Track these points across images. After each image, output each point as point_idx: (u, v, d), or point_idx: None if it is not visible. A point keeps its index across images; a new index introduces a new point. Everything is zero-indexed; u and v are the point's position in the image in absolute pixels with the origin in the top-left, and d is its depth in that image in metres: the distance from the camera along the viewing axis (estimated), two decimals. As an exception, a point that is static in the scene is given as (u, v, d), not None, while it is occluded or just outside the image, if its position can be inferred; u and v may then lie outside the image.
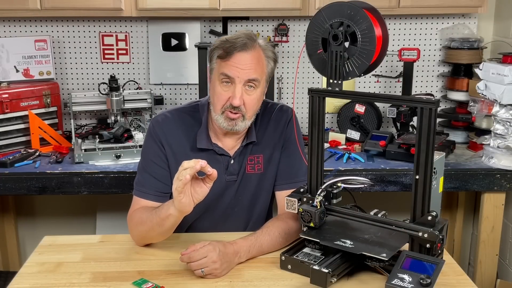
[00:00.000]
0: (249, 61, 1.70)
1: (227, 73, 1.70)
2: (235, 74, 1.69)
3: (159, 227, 1.65)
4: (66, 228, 3.23)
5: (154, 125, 1.83)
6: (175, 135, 1.82)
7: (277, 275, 1.57)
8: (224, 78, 1.71)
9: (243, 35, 1.72)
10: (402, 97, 2.05)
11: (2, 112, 2.65)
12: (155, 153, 1.81)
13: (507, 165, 2.52)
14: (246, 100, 1.72)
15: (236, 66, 1.69)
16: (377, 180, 2.48)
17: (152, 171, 1.80)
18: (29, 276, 1.58)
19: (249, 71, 1.70)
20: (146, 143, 1.85)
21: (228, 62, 1.69)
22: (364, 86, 3.15)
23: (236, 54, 1.69)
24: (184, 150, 1.82)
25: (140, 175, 1.82)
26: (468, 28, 2.99)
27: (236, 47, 1.69)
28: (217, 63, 1.74)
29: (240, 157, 1.85)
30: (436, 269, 1.36)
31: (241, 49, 1.69)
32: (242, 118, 1.74)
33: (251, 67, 1.70)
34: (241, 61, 1.69)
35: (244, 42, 1.69)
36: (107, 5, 2.68)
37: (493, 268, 2.69)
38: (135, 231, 1.74)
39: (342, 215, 1.59)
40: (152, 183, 1.79)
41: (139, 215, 1.72)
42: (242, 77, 1.69)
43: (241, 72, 1.69)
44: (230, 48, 1.69)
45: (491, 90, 2.48)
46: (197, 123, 1.84)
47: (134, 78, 3.09)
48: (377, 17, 1.54)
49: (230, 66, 1.69)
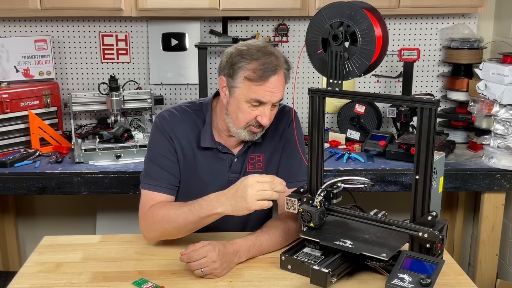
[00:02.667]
0: (279, 83, 1.69)
1: (260, 99, 1.68)
2: (268, 99, 1.69)
3: (194, 225, 1.63)
4: (66, 228, 3.23)
5: (161, 120, 1.82)
6: (182, 131, 1.81)
7: (277, 275, 1.57)
8: (255, 103, 1.69)
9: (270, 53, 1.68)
10: (402, 97, 2.05)
11: (2, 112, 2.65)
12: (164, 147, 1.79)
13: (507, 165, 2.52)
14: (271, 117, 1.75)
15: (270, 91, 1.68)
16: (377, 180, 2.48)
17: (163, 164, 1.78)
18: (29, 276, 1.58)
19: (279, 93, 1.70)
20: (154, 137, 1.82)
21: (261, 87, 1.67)
22: (364, 86, 3.15)
23: (271, 79, 1.66)
24: (190, 147, 1.82)
25: (150, 169, 1.79)
26: (468, 28, 2.99)
27: (269, 70, 1.66)
28: (244, 84, 1.68)
29: (243, 156, 1.86)
30: (436, 269, 1.36)
31: (274, 72, 1.67)
32: (262, 129, 1.78)
33: (281, 89, 1.70)
34: (274, 86, 1.68)
35: (275, 63, 1.67)
36: (107, 5, 2.68)
37: (493, 268, 2.69)
38: (157, 228, 1.69)
39: (342, 215, 1.59)
40: (164, 176, 1.77)
41: (165, 212, 1.67)
42: (274, 100, 1.70)
43: (273, 96, 1.69)
44: (264, 73, 1.65)
45: (491, 90, 2.48)
46: (201, 121, 1.84)
47: (134, 78, 3.09)
48: (377, 17, 1.54)
49: (264, 92, 1.67)
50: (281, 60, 1.70)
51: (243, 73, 1.67)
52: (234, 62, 1.69)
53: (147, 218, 1.72)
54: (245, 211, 1.56)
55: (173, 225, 1.65)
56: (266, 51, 1.69)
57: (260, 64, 1.66)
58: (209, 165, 1.84)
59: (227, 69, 1.72)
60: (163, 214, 1.68)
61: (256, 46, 1.71)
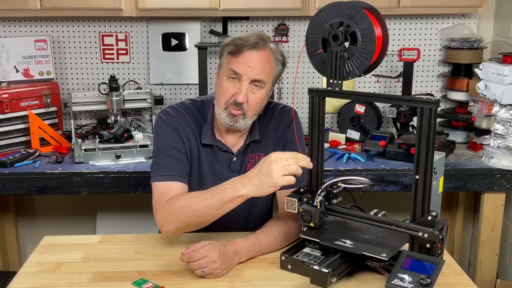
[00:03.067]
0: (258, 61, 1.71)
1: (235, 69, 1.71)
2: (243, 71, 1.70)
3: (217, 211, 1.60)
4: (66, 228, 3.23)
5: (166, 115, 1.82)
6: (188, 126, 1.82)
7: (277, 275, 1.57)
8: (231, 74, 1.72)
9: (255, 35, 1.74)
10: (402, 97, 2.05)
11: (2, 112, 2.65)
12: (173, 139, 1.79)
13: (507, 165, 2.52)
14: (250, 99, 1.73)
15: (245, 63, 1.70)
16: (377, 180, 2.48)
17: (174, 154, 1.77)
18: (29, 276, 1.58)
19: (257, 70, 1.71)
20: (161, 130, 1.81)
21: (238, 58, 1.71)
22: (364, 86, 3.15)
23: (247, 51, 1.70)
24: (195, 142, 1.83)
25: (161, 160, 1.77)
26: (468, 28, 2.99)
27: (247, 44, 1.70)
28: (227, 58, 1.75)
29: (243, 155, 1.87)
30: (436, 269, 1.36)
31: (252, 47, 1.70)
32: (243, 116, 1.75)
33: (259, 67, 1.71)
34: (250, 59, 1.70)
35: (256, 41, 1.71)
36: (107, 5, 2.68)
37: (493, 268, 2.69)
38: (178, 217, 1.64)
39: (342, 215, 1.59)
40: (177, 166, 1.76)
41: (186, 200, 1.64)
42: (249, 75, 1.71)
43: (249, 70, 1.70)
44: (242, 45, 1.71)
45: (491, 90, 2.48)
46: (203, 118, 1.85)
47: (134, 78, 3.09)
48: (377, 17, 1.54)
49: (239, 63, 1.71)
50: (266, 42, 1.74)
51: (227, 49, 1.75)
52: (223, 44, 1.78)
53: (166, 208, 1.67)
54: (272, 188, 1.53)
55: (195, 212, 1.61)
56: (252, 34, 1.74)
57: (241, 40, 1.72)
58: (209, 163, 1.85)
59: (219, 53, 1.80)
60: (184, 202, 1.64)
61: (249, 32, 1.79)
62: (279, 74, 1.80)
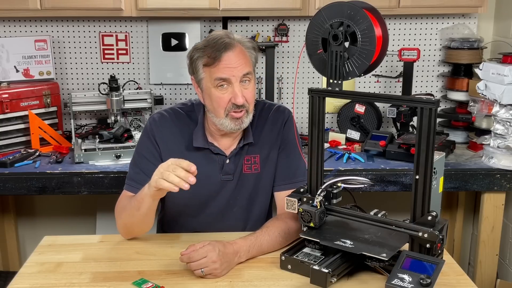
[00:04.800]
0: (237, 58, 1.72)
1: (221, 77, 1.70)
2: (230, 74, 1.70)
3: (137, 211, 1.67)
4: (66, 228, 3.23)
5: (150, 123, 1.86)
6: (172, 133, 1.83)
7: (277, 275, 1.57)
8: (219, 82, 1.71)
9: (219, 36, 1.73)
10: (402, 97, 2.05)
11: (2, 112, 2.65)
12: (148, 150, 1.84)
13: (507, 165, 2.52)
14: (246, 95, 1.74)
15: (228, 66, 1.70)
16: (377, 180, 2.48)
17: (143, 167, 1.81)
18: (29, 276, 1.58)
19: (241, 67, 1.72)
20: (141, 139, 1.88)
21: (218, 66, 1.70)
22: (364, 86, 3.15)
23: (224, 55, 1.70)
24: (180, 149, 1.83)
25: (132, 170, 1.85)
26: (468, 28, 2.99)
27: (220, 49, 1.70)
28: (205, 71, 1.74)
29: (236, 157, 1.86)
30: (436, 269, 1.36)
31: (226, 49, 1.70)
32: (246, 114, 1.77)
33: (241, 63, 1.72)
34: (230, 61, 1.70)
35: (226, 41, 1.71)
36: (107, 5, 2.68)
37: (493, 268, 2.69)
38: (119, 221, 1.78)
39: (342, 215, 1.59)
40: (142, 179, 1.78)
41: (122, 203, 1.78)
42: (238, 75, 1.71)
43: (234, 70, 1.70)
44: (215, 53, 1.70)
45: (491, 90, 2.48)
46: (193, 122, 1.86)
47: (134, 78, 3.09)
48: (377, 17, 1.54)
49: (222, 69, 1.70)
50: (233, 38, 1.74)
51: (200, 62, 1.74)
52: (192, 58, 1.77)
53: (115, 212, 1.80)
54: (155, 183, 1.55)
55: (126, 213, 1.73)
56: (215, 37, 1.74)
57: (210, 48, 1.71)
58: (201, 166, 1.83)
59: (190, 68, 1.79)
60: (121, 206, 1.78)
61: (207, 37, 1.77)
62: (256, 60, 1.82)
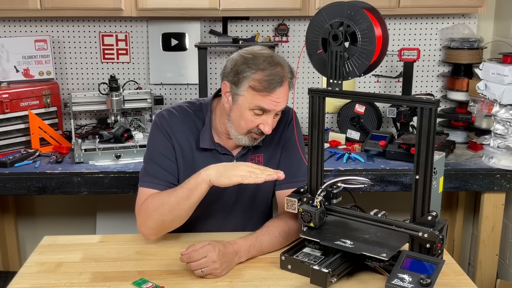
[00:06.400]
0: (283, 94, 1.70)
1: (264, 107, 1.69)
2: (271, 107, 1.69)
3: (186, 200, 1.64)
4: (66, 228, 3.23)
5: (160, 119, 1.83)
6: (181, 131, 1.82)
7: (277, 275, 1.57)
8: (258, 110, 1.70)
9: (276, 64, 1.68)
10: (402, 97, 2.04)
11: (2, 112, 2.65)
12: (164, 146, 1.80)
13: (507, 165, 2.52)
14: (274, 124, 1.76)
15: (274, 101, 1.68)
16: (377, 180, 2.48)
17: (161, 163, 1.79)
18: (29, 276, 1.58)
19: (283, 103, 1.72)
20: (154, 136, 1.83)
21: (266, 97, 1.67)
22: (364, 86, 3.15)
23: (276, 91, 1.67)
24: (189, 147, 1.82)
25: (149, 167, 1.80)
26: (468, 28, 2.99)
27: (275, 83, 1.66)
28: (249, 92, 1.68)
29: (243, 157, 1.86)
30: (436, 269, 1.36)
31: (279, 85, 1.67)
32: (263, 135, 1.79)
33: (285, 100, 1.72)
34: (279, 97, 1.69)
35: (281, 75, 1.67)
36: (107, 5, 2.68)
37: (493, 268, 2.69)
38: (154, 216, 1.69)
39: (342, 215, 1.59)
40: (162, 175, 1.78)
41: (158, 198, 1.70)
42: (277, 109, 1.71)
43: (277, 105, 1.70)
44: (270, 85, 1.66)
45: (491, 90, 2.48)
46: (200, 122, 1.84)
47: (134, 78, 3.09)
48: (377, 17, 1.54)
49: (269, 102, 1.68)
50: (286, 70, 1.70)
51: (248, 82, 1.67)
52: (239, 70, 1.69)
53: (143, 210, 1.72)
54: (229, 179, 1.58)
55: (167, 207, 1.66)
56: (272, 61, 1.68)
57: (266, 75, 1.66)
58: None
59: (231, 76, 1.71)
60: (157, 200, 1.70)
61: (263, 55, 1.70)
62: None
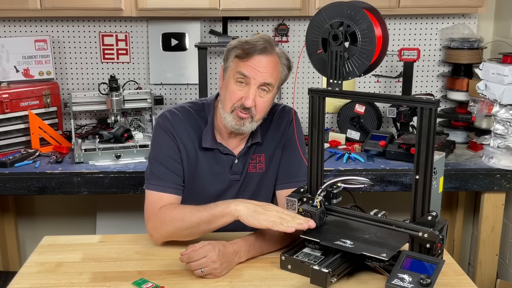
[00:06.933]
0: (267, 65, 1.72)
1: (244, 73, 1.71)
2: (252, 74, 1.71)
3: (207, 224, 1.63)
4: (66, 228, 3.23)
5: (163, 120, 1.82)
6: (184, 131, 1.82)
7: (277, 275, 1.57)
8: (240, 77, 1.72)
9: (262, 39, 1.74)
10: (402, 97, 2.04)
11: (2, 112, 2.65)
12: (169, 147, 1.80)
13: (507, 165, 2.52)
14: (258, 103, 1.74)
15: (254, 67, 1.71)
16: (377, 180, 2.48)
17: (168, 165, 1.79)
18: (29, 276, 1.58)
19: (266, 74, 1.72)
20: (158, 137, 1.82)
21: (246, 62, 1.71)
22: (364, 86, 3.15)
23: (256, 56, 1.71)
24: (193, 147, 1.82)
25: (156, 169, 1.79)
26: (468, 28, 2.99)
27: (256, 49, 1.71)
28: (234, 62, 1.75)
29: (244, 157, 1.87)
30: (436, 269, 1.36)
31: (261, 52, 1.71)
32: (251, 120, 1.76)
33: (268, 71, 1.72)
34: (259, 63, 1.71)
35: (264, 46, 1.72)
36: (107, 5, 2.68)
37: (493, 268, 2.69)
38: (169, 227, 1.68)
39: (342, 215, 1.59)
40: (170, 177, 1.78)
41: (179, 211, 1.68)
42: (258, 79, 1.71)
43: (258, 74, 1.71)
44: (250, 49, 1.71)
45: (491, 90, 2.48)
46: (203, 122, 1.85)
47: (134, 78, 3.09)
48: (377, 17, 1.54)
49: (248, 66, 1.71)
50: (274, 48, 1.74)
51: (234, 52, 1.75)
52: (230, 48, 1.78)
53: (158, 218, 1.71)
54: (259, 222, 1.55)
55: (186, 223, 1.65)
56: (260, 38, 1.75)
57: (249, 44, 1.73)
58: (210, 166, 1.84)
59: (225, 55, 1.80)
60: (177, 213, 1.67)
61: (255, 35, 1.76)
62: (285, 78, 1.81)
